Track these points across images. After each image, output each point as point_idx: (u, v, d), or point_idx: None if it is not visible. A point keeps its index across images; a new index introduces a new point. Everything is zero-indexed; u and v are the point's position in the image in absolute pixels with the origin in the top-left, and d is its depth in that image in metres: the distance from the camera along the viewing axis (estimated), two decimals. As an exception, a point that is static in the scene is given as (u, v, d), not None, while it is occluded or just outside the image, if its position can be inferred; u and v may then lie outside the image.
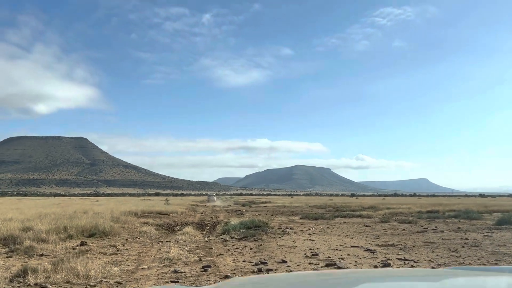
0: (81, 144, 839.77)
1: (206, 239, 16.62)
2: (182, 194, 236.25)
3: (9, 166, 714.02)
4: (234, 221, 24.25)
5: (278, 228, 20.36)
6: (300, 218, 28.15)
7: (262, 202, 75.56)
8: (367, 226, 22.22)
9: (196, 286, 4.52)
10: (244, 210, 45.14)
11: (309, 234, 17.50)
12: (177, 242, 15.31)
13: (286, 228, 20.30)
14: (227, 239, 16.15)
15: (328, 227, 21.24)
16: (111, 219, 23.25)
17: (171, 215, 31.03)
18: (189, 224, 24.77)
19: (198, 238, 16.78)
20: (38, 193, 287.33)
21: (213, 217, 30.22)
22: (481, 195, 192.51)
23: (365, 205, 55.61)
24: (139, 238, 16.97)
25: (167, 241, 15.66)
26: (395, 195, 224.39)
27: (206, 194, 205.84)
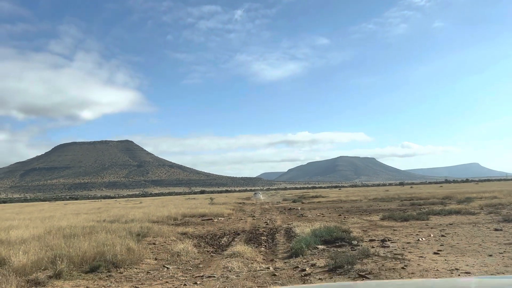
0: (127, 146, 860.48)
1: (271, 267, 10.43)
2: (226, 191, 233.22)
3: (61, 172, 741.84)
4: (300, 228, 18.03)
5: (371, 240, 13.91)
6: (382, 219, 21.51)
7: (313, 197, 69.10)
8: (496, 230, 15.32)
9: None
10: (299, 208, 38.94)
11: (435, 252, 10.92)
12: (226, 277, 9.31)
13: (385, 240, 13.73)
14: (306, 268, 9.87)
15: (442, 235, 14.51)
16: (138, 233, 17.68)
17: (215, 220, 25.23)
18: (239, 234, 18.83)
19: (258, 266, 10.62)
20: (89, 196, 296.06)
21: (268, 221, 24.14)
22: None
23: (438, 195, 47.90)
24: (168, 268, 11.08)
25: (209, 276, 9.65)
26: (447, 181, 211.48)
27: (251, 190, 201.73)
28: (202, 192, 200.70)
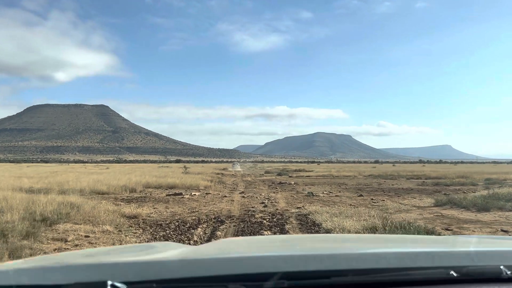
0: (103, 111, 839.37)
1: None
2: (203, 161, 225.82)
3: (33, 134, 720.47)
4: (324, 216, 10.79)
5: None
6: (441, 207, 14.27)
7: (297, 171, 62.24)
8: None
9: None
10: (293, 183, 31.79)
11: None
12: None
13: None
14: None
15: None
16: (45, 217, 10.14)
17: (187, 196, 17.57)
18: (223, 221, 11.44)
19: None
20: (62, 160, 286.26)
21: (264, 200, 16.61)
22: None
23: (449, 175, 41.30)
24: None
25: None
26: (421, 162, 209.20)
27: (227, 162, 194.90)
28: (177, 161, 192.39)
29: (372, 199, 17.22)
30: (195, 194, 18.42)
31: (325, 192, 21.13)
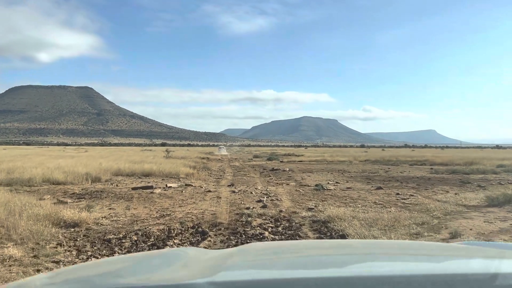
0: (87, 93, 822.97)
1: None
2: (189, 145, 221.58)
3: (16, 116, 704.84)
4: (347, 222, 7.06)
5: None
6: (498, 207, 10.67)
7: (286, 155, 58.62)
8: None
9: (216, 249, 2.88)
10: (287, 169, 28.06)
11: None
12: None
13: None
14: None
15: None
16: None
17: (158, 191, 13.30)
18: (207, 234, 7.68)
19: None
20: (45, 142, 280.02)
21: (262, 196, 12.54)
22: (498, 147, 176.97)
23: (456, 161, 37.82)
24: None
25: None
26: (407, 146, 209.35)
27: (213, 146, 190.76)
28: (163, 144, 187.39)
29: (398, 193, 13.49)
30: (170, 187, 14.41)
31: (331, 183, 17.43)
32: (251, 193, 13.48)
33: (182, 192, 13.56)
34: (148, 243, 7.03)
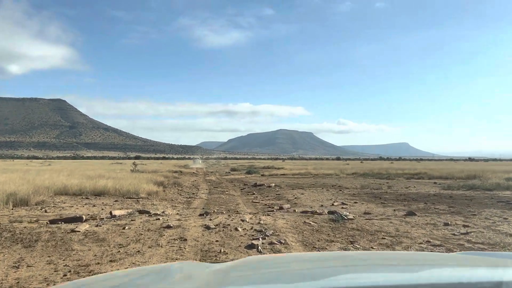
0: (59, 106, 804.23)
1: None
2: (164, 158, 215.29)
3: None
4: None
5: None
6: None
7: (265, 168, 54.81)
8: None
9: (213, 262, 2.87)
10: (273, 185, 23.99)
11: None
12: None
13: None
14: None
15: None
16: None
17: (84, 228, 8.37)
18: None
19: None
20: (15, 155, 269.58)
21: (257, 238, 8.07)
22: (470, 159, 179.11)
23: (455, 173, 34.45)
24: None
25: None
26: (382, 159, 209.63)
27: (189, 158, 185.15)
28: (137, 157, 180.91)
29: (447, 223, 9.48)
30: (113, 217, 9.75)
31: (336, 204, 13.44)
32: (236, 229, 8.55)
33: (124, 228, 8.56)
34: None
